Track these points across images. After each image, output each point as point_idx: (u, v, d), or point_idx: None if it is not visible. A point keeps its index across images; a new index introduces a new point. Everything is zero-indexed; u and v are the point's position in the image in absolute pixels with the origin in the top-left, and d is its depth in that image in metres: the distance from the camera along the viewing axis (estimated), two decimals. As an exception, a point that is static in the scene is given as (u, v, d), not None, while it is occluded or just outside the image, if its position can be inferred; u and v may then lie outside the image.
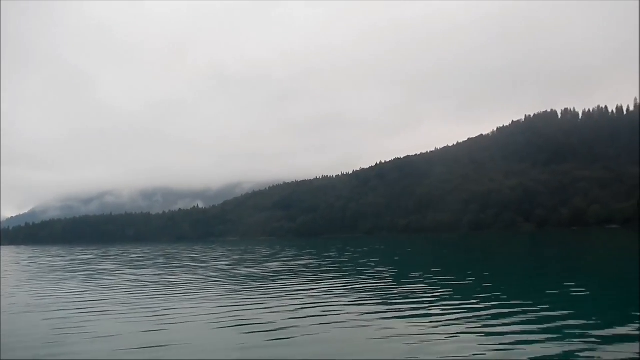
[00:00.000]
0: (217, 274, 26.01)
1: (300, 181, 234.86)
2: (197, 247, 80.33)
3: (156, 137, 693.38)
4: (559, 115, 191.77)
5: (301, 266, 29.59)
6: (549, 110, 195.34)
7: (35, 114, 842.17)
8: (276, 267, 29.66)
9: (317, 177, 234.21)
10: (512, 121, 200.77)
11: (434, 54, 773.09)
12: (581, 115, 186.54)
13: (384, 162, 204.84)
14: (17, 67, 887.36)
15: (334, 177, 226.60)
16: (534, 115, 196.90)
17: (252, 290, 18.28)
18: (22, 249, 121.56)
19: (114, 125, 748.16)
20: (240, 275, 24.94)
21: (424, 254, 42.58)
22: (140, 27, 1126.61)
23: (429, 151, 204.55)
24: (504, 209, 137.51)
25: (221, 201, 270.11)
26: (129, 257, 50.92)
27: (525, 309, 12.27)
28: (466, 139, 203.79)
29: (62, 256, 58.09)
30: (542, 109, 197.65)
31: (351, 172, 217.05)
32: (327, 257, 39.04)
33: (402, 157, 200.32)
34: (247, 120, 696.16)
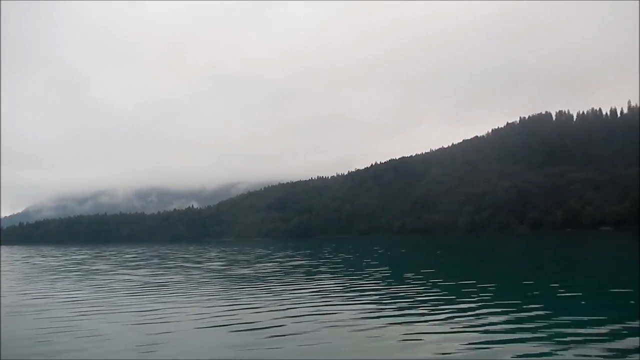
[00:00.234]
0: (210, 274, 26.04)
1: (295, 182, 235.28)
2: (191, 248, 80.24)
3: (152, 137, 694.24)
4: (554, 117, 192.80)
5: (294, 267, 29.66)
6: (544, 112, 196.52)
7: (31, 113, 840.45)
8: (270, 267, 29.70)
9: (313, 178, 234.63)
10: (507, 123, 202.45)
11: (434, 54, 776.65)
12: (575, 117, 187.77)
13: (379, 163, 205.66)
14: (15, 67, 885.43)
15: (329, 177, 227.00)
16: (529, 117, 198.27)
17: (245, 290, 18.32)
18: (15, 249, 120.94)
19: (109, 125, 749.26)
20: (233, 276, 24.97)
21: (417, 255, 42.69)
22: (139, 27, 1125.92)
23: (424, 152, 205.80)
24: (499, 210, 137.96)
25: (216, 202, 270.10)
26: (122, 257, 50.79)
27: (515, 309, 12.37)
28: (461, 141, 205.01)
29: (56, 256, 57.88)
30: (542, 109, 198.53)
31: (346, 172, 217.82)
32: (320, 258, 39.10)
33: (397, 158, 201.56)
34: (246, 120, 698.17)
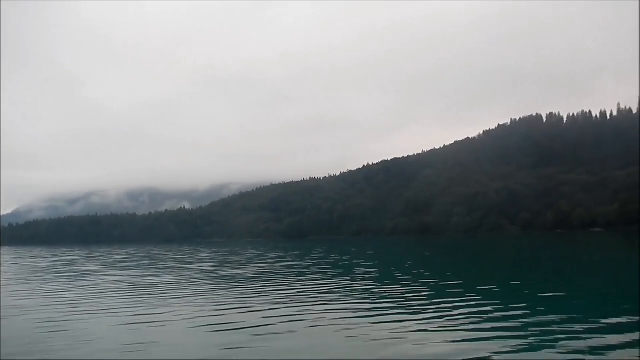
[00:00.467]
0: (201, 275, 26.05)
1: (287, 183, 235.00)
2: (182, 249, 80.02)
3: (144, 137, 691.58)
4: (544, 119, 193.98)
5: (285, 268, 29.72)
6: (534, 114, 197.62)
7: (25, 113, 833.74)
8: (260, 268, 29.75)
9: (305, 178, 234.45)
10: (498, 124, 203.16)
11: (433, 54, 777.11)
12: (566, 119, 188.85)
13: (371, 164, 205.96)
14: (13, 67, 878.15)
15: (321, 178, 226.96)
16: (520, 119, 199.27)
17: (234, 291, 18.40)
18: (5, 249, 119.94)
19: (102, 126, 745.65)
20: (224, 276, 25.00)
21: (407, 256, 42.85)
22: (138, 28, 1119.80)
23: (416, 153, 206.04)
24: (490, 211, 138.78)
25: (208, 202, 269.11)
26: (113, 258, 50.58)
27: (503, 307, 12.51)
28: (453, 142, 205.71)
29: (46, 257, 57.53)
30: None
31: (339, 173, 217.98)
32: (311, 259, 39.16)
33: (389, 159, 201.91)
34: (242, 121, 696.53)
